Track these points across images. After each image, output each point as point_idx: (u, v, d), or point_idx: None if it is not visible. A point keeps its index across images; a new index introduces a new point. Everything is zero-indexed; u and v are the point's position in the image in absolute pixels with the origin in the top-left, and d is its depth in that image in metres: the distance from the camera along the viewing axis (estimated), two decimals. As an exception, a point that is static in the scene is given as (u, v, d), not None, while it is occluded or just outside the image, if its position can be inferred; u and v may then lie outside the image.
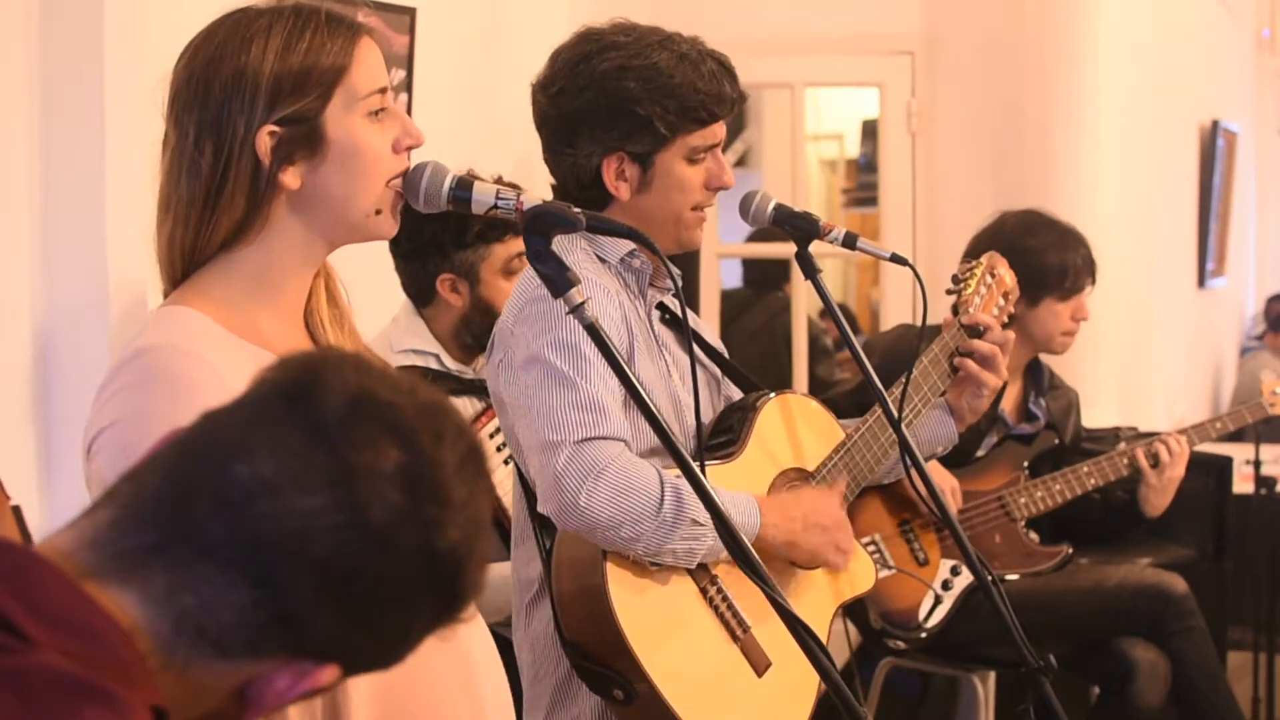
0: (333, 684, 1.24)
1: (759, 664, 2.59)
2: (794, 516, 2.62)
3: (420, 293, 3.58)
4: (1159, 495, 4.05)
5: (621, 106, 2.61)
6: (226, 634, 1.20)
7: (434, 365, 3.51)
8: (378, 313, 3.69)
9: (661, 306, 2.74)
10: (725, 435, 2.72)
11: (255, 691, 1.23)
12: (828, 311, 2.73)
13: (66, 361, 2.93)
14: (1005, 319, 3.08)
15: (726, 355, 2.89)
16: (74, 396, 2.90)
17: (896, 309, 5.68)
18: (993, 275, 3.08)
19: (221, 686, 1.23)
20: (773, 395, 2.77)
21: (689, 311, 2.86)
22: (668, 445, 1.96)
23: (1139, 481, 4.05)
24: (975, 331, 2.94)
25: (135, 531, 1.22)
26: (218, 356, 1.80)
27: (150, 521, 1.22)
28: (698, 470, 1.97)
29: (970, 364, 2.91)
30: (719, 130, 2.68)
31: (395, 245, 3.58)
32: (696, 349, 2.79)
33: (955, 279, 3.08)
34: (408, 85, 4.10)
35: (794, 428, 2.77)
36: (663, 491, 2.43)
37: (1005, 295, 3.10)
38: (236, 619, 1.20)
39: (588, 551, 2.48)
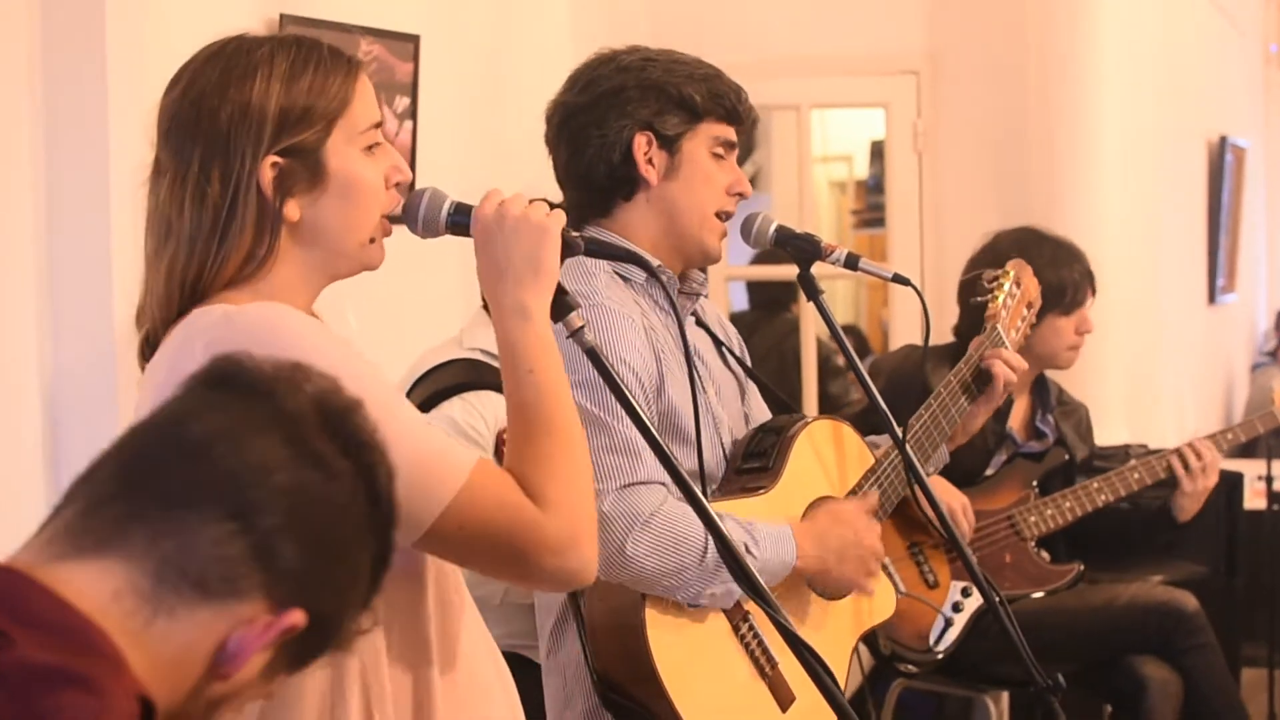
0: (299, 628, 1.30)
1: (784, 699, 2.59)
2: (829, 547, 2.62)
3: None
4: (1194, 501, 4.06)
5: (653, 85, 2.64)
6: (207, 570, 1.28)
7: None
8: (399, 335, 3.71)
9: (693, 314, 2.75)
10: (759, 460, 2.71)
11: (234, 641, 1.29)
12: (831, 333, 2.73)
13: (75, 404, 2.94)
14: (1028, 330, 3.09)
15: (756, 373, 2.89)
16: (83, 434, 2.91)
17: (905, 328, 5.68)
18: (1018, 286, 3.08)
19: (203, 642, 1.29)
20: (808, 420, 2.76)
21: (722, 320, 2.88)
22: (674, 477, 1.95)
23: (1168, 486, 4.06)
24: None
25: (105, 509, 1.30)
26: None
27: (117, 498, 1.30)
28: (708, 504, 1.97)
29: (998, 368, 2.93)
30: (734, 138, 2.70)
31: None
32: (729, 358, 2.80)
33: (983, 287, 3.07)
34: (412, 112, 4.11)
35: (828, 455, 2.78)
36: (706, 540, 2.43)
37: (1029, 306, 3.10)
38: (215, 552, 1.28)
39: (624, 586, 2.48)
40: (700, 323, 2.77)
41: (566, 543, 1.80)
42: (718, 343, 2.80)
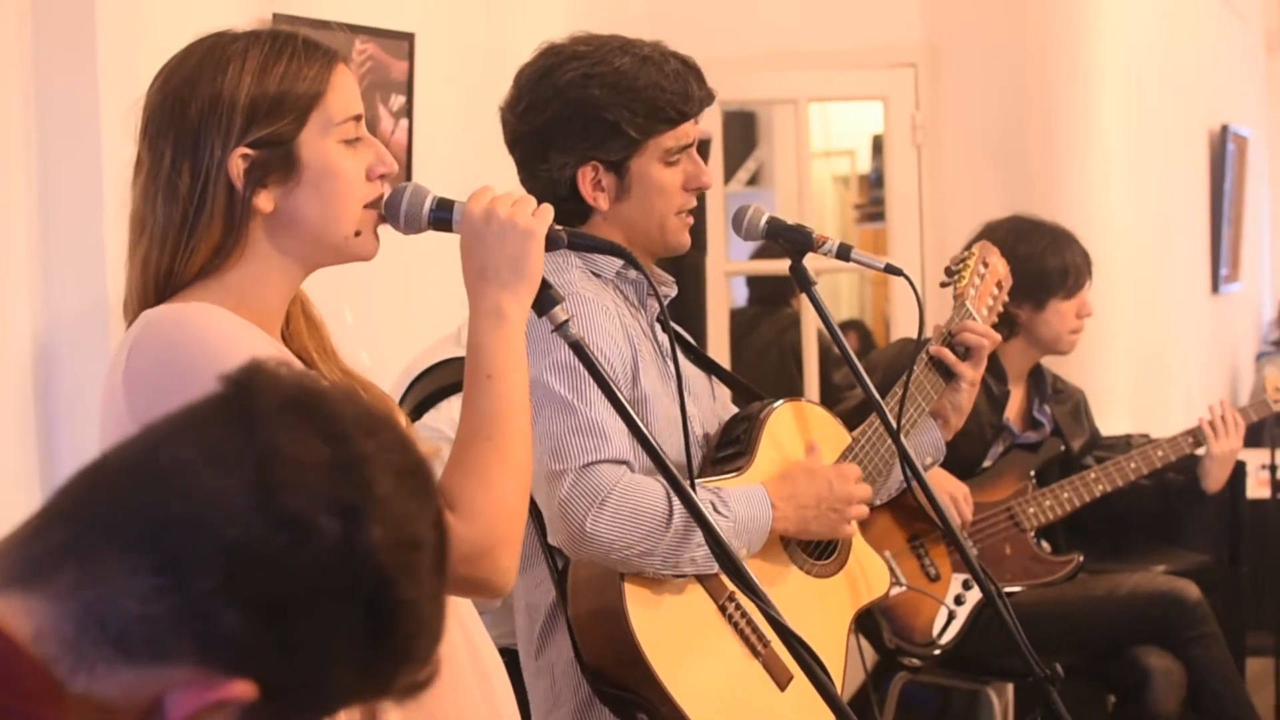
0: (247, 701, 1.13)
1: (781, 678, 2.58)
2: (805, 504, 2.62)
3: None
4: (1222, 466, 4.09)
5: (589, 114, 2.60)
6: (129, 629, 1.12)
7: None
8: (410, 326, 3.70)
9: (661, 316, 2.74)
10: (733, 446, 2.71)
11: (169, 703, 1.13)
12: (824, 324, 2.73)
13: (66, 377, 2.95)
14: (1000, 308, 3.08)
15: (721, 365, 2.89)
16: (74, 411, 2.92)
17: (907, 322, 5.66)
18: (985, 265, 3.08)
19: (129, 703, 1.14)
20: (779, 403, 2.76)
21: (675, 325, 2.87)
22: (656, 462, 1.95)
23: (1189, 463, 4.09)
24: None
25: (52, 532, 1.16)
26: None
27: (68, 519, 1.16)
28: (688, 486, 1.97)
29: (947, 353, 2.92)
30: (691, 130, 2.67)
31: None
32: (685, 357, 2.79)
33: (949, 271, 3.08)
34: (408, 110, 4.10)
35: (801, 434, 2.77)
36: (670, 505, 2.42)
37: (999, 285, 3.10)
38: (138, 609, 1.11)
39: (604, 572, 2.48)
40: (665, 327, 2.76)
41: (476, 552, 1.79)
42: (687, 344, 2.80)
